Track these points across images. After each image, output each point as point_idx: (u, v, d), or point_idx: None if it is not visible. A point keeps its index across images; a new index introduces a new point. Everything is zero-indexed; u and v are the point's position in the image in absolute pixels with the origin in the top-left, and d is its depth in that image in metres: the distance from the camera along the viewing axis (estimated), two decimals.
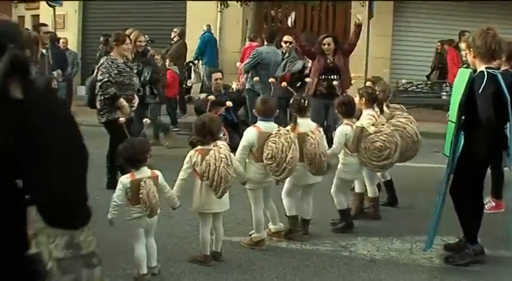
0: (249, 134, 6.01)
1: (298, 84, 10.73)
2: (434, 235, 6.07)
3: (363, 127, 6.63)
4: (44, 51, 10.37)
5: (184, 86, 15.44)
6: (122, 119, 5.65)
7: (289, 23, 12.36)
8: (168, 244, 6.22)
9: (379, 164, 6.65)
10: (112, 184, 7.79)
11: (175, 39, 15.49)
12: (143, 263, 5.24)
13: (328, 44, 10.42)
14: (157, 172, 5.31)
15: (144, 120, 5.84)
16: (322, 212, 7.38)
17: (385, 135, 6.52)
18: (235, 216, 6.87)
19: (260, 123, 6.11)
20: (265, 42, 12.25)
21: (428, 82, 17.37)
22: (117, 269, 5.46)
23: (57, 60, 12.34)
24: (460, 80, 5.83)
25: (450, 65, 15.09)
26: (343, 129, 6.64)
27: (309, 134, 6.18)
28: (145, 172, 5.21)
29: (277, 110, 6.48)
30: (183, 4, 19.63)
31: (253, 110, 6.58)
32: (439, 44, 17.17)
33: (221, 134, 8.07)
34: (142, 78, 10.02)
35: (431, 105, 16.39)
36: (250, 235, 6.26)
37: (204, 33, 17.01)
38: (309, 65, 11.47)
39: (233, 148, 6.05)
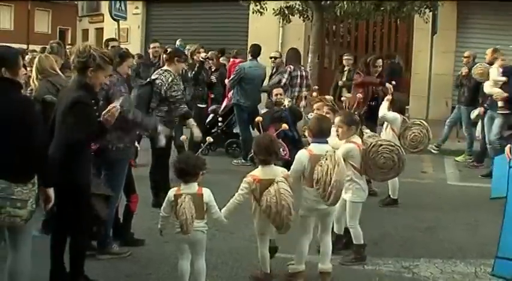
0: (301, 157, 5.68)
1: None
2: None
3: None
4: None
5: None
6: (184, 137, 5.66)
7: None
8: (229, 260, 6.25)
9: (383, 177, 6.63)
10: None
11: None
12: (183, 278, 5.26)
13: (380, 66, 9.72)
14: (206, 190, 5.18)
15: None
16: (383, 231, 7.32)
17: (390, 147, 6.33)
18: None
19: (312, 146, 5.72)
20: (249, 58, 12.26)
21: None
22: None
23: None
24: None
25: None
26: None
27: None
28: (192, 187, 5.15)
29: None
30: (245, 19, 19.78)
31: (304, 130, 6.44)
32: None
33: (280, 150, 8.06)
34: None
35: None
36: (288, 265, 5.92)
37: None
38: (284, 80, 11.43)
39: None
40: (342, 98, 7.84)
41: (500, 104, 10.44)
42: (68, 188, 5.00)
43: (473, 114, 11.65)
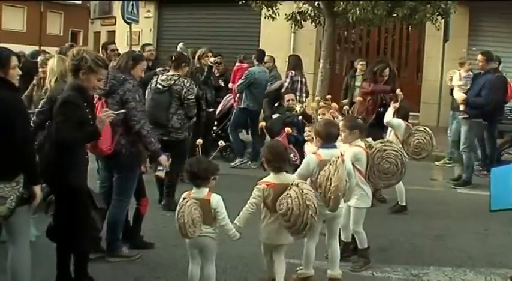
0: (309, 162, 5.57)
1: (276, 104, 10.56)
2: None
3: (370, 145, 6.39)
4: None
5: None
6: (200, 141, 5.70)
7: None
8: (238, 265, 6.25)
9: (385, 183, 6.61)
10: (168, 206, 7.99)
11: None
12: None
13: (387, 76, 9.49)
14: (214, 196, 5.11)
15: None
16: (392, 238, 7.30)
17: (394, 152, 6.38)
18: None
19: (321, 151, 5.62)
20: (255, 63, 12.28)
21: None
22: None
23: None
24: None
25: None
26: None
27: None
28: (202, 192, 5.13)
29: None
30: (257, 24, 19.77)
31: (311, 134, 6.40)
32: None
33: (291, 155, 8.05)
34: None
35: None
36: (297, 270, 5.93)
37: None
38: (286, 84, 11.49)
39: None
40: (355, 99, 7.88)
41: (461, 108, 10.53)
42: (61, 188, 5.10)
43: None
